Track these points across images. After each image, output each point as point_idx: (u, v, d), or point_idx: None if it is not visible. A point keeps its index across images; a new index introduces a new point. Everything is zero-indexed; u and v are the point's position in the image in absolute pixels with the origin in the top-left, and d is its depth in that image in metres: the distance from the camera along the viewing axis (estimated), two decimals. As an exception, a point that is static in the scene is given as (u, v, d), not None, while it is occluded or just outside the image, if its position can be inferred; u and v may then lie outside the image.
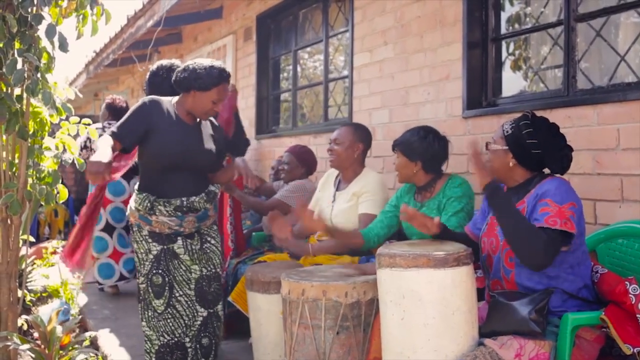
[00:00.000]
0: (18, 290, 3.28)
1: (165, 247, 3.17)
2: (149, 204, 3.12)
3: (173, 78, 3.20)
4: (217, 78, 3.11)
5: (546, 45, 3.63)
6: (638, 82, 2.99)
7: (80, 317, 4.49)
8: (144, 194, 3.15)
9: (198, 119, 3.25)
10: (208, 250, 3.29)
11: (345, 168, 3.73)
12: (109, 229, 5.55)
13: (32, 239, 3.88)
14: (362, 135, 3.73)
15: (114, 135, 3.05)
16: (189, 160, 3.16)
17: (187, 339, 3.20)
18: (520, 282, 2.40)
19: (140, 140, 3.14)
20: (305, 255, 3.54)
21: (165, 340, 3.15)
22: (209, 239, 3.30)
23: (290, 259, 3.79)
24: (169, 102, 3.24)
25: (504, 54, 3.86)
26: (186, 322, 3.20)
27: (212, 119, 3.39)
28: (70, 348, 3.51)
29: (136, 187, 3.25)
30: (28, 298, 4.82)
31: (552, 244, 2.26)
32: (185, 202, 3.14)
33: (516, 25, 3.79)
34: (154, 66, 3.93)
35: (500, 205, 2.38)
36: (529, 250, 2.27)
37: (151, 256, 3.17)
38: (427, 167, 3.13)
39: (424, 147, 3.10)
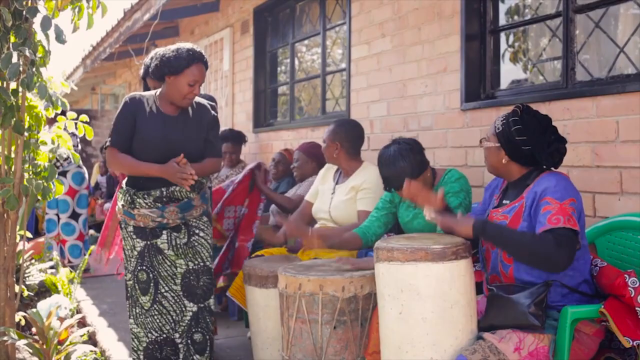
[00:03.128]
0: (15, 285, 3.27)
1: (148, 242, 3.13)
2: (129, 198, 3.10)
3: (150, 69, 3.18)
4: (187, 59, 3.07)
5: (545, 37, 3.62)
6: (637, 74, 2.97)
7: (78, 312, 4.48)
8: (126, 188, 3.15)
9: (186, 108, 3.19)
10: (196, 244, 3.19)
11: (335, 165, 3.74)
12: (74, 215, 6.36)
13: (29, 234, 3.86)
14: (341, 135, 3.70)
15: (112, 144, 3.11)
16: (169, 152, 3.08)
17: (177, 335, 3.16)
18: (518, 277, 2.39)
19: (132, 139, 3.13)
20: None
21: (154, 337, 3.12)
22: (197, 231, 3.20)
23: (288, 253, 3.79)
24: (152, 95, 3.20)
25: (503, 46, 3.84)
26: (174, 317, 3.15)
27: (205, 101, 3.32)
28: (68, 343, 3.51)
29: (124, 182, 3.24)
30: (26, 293, 4.80)
31: (563, 240, 2.23)
32: (165, 192, 3.08)
33: (515, 17, 3.77)
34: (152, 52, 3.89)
35: (495, 235, 2.38)
36: (543, 257, 2.24)
37: (135, 252, 3.14)
38: (417, 174, 3.06)
39: (408, 169, 3.01)
